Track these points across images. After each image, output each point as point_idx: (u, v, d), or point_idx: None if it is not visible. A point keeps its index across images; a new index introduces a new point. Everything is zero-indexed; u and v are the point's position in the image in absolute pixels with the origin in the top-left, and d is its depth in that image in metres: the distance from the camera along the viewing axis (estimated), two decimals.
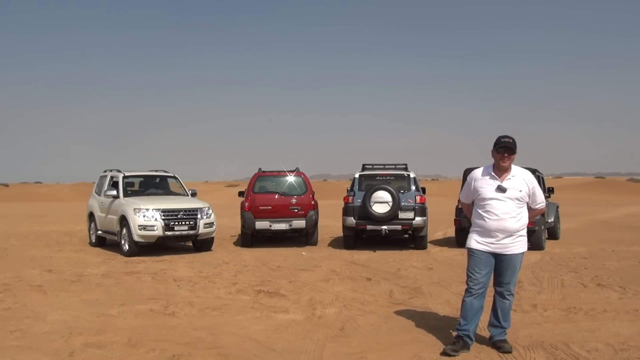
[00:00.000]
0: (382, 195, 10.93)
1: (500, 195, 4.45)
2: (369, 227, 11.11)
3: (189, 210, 10.93)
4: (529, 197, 4.53)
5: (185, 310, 6.04)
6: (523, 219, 4.51)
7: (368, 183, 11.55)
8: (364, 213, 11.00)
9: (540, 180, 12.33)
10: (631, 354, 4.39)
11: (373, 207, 10.93)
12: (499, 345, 4.53)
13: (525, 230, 4.56)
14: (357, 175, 11.86)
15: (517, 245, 4.51)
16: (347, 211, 11.35)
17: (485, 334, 4.83)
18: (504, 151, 4.45)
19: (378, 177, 11.69)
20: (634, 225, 17.53)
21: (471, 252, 4.62)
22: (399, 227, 11.06)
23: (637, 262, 9.39)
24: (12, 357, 4.49)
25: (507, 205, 4.44)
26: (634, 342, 4.71)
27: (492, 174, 4.54)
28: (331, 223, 16.68)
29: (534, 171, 11.80)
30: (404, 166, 12.15)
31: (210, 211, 11.27)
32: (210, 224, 11.16)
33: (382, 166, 12.33)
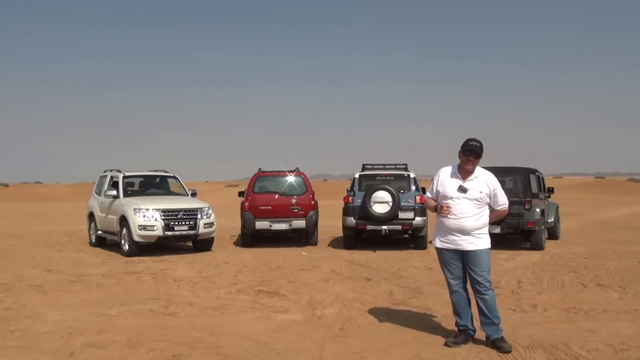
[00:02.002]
0: (382, 195, 10.93)
1: (460, 195, 4.59)
2: (369, 227, 11.11)
3: (189, 210, 10.93)
4: (489, 199, 4.65)
5: (185, 310, 6.04)
6: (482, 219, 4.63)
7: (368, 183, 11.55)
8: (364, 213, 11.00)
9: (540, 180, 12.32)
10: (631, 354, 4.40)
11: (373, 207, 10.93)
12: (498, 345, 4.55)
13: (487, 229, 4.68)
14: (357, 175, 11.86)
15: (479, 242, 4.61)
16: (347, 211, 11.35)
17: (484, 335, 4.82)
18: (470, 154, 4.58)
19: (378, 177, 11.69)
20: (634, 225, 17.53)
21: (437, 252, 4.85)
22: (399, 227, 11.06)
23: (637, 262, 9.40)
24: (12, 357, 4.49)
25: (466, 205, 4.57)
26: (634, 342, 4.71)
27: (457, 173, 4.68)
28: (331, 223, 16.68)
29: (533, 171, 11.80)
30: (404, 166, 12.15)
31: (210, 211, 11.27)
32: (210, 224, 11.16)
33: (382, 166, 12.33)
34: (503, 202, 4.72)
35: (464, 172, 4.66)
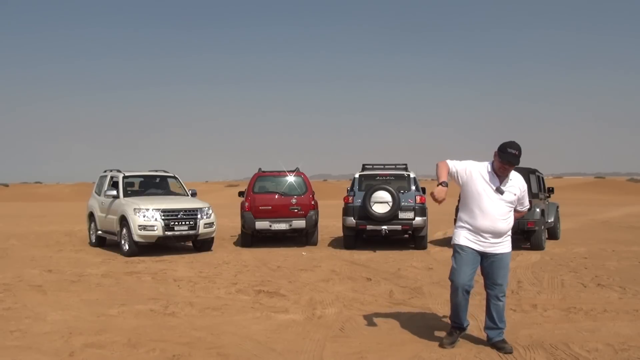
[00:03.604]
0: (382, 195, 10.93)
1: (497, 196, 4.47)
2: (369, 227, 11.11)
3: (189, 210, 10.93)
4: (517, 201, 4.61)
5: (185, 310, 6.04)
6: (511, 221, 4.58)
7: (368, 183, 11.55)
8: (364, 213, 11.00)
9: (540, 180, 12.33)
10: (631, 354, 4.39)
11: (373, 207, 10.93)
12: (499, 346, 4.51)
13: (510, 231, 4.63)
14: (357, 175, 11.86)
15: (505, 244, 4.56)
16: (347, 211, 11.35)
17: (484, 335, 4.82)
18: (507, 164, 4.40)
19: (378, 177, 11.69)
20: (634, 225, 17.53)
21: (459, 249, 4.57)
22: (399, 227, 11.06)
23: (637, 262, 9.39)
24: (12, 357, 4.49)
25: (501, 207, 4.47)
26: (634, 342, 4.71)
27: (493, 173, 4.51)
28: (331, 223, 16.68)
29: (533, 171, 11.81)
30: (404, 166, 12.15)
31: (210, 211, 11.27)
32: (210, 224, 11.16)
33: (382, 166, 12.33)
34: (527, 204, 4.73)
35: (499, 174, 4.51)
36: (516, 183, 4.56)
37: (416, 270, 8.66)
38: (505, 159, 4.37)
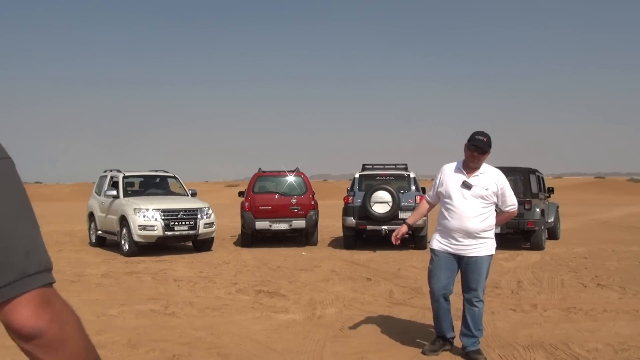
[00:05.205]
0: (382, 195, 10.93)
1: (464, 192, 4.19)
2: (369, 227, 11.11)
3: (189, 210, 10.93)
4: (497, 198, 4.25)
5: (185, 310, 6.04)
6: (488, 221, 4.22)
7: (368, 183, 11.55)
8: (364, 213, 11.00)
9: (540, 180, 12.32)
10: (631, 354, 4.39)
11: (373, 207, 10.92)
12: (472, 357, 4.24)
13: (492, 232, 4.29)
14: (357, 175, 11.86)
15: (481, 247, 4.20)
16: (347, 211, 11.35)
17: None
18: (474, 149, 4.16)
19: (378, 177, 11.69)
20: (634, 225, 17.53)
21: (433, 253, 4.39)
22: (399, 227, 11.03)
23: (637, 262, 9.39)
24: (12, 357, 4.48)
25: (470, 204, 4.16)
26: (634, 342, 4.71)
27: (461, 169, 4.29)
28: (331, 223, 16.67)
29: (533, 171, 11.80)
30: (404, 166, 12.16)
31: (210, 211, 11.27)
32: (210, 224, 11.16)
33: (382, 166, 12.33)
34: (512, 202, 4.32)
35: (468, 168, 4.25)
36: (490, 177, 4.24)
37: (416, 270, 8.66)
38: (472, 144, 4.15)
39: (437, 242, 4.36)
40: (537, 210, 10.95)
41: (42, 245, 1.00)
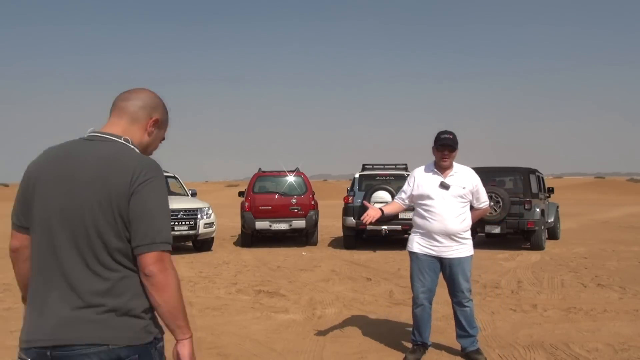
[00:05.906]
0: (382, 195, 10.93)
1: (443, 192, 4.19)
2: (369, 227, 11.11)
3: (189, 210, 10.92)
4: (472, 196, 4.28)
5: None
6: (467, 220, 4.24)
7: (368, 183, 11.56)
8: (364, 213, 10.98)
9: (540, 180, 12.32)
10: (631, 354, 4.39)
11: None
12: (472, 357, 4.27)
13: (470, 232, 4.29)
14: (357, 175, 11.87)
15: (463, 248, 4.21)
16: (347, 211, 11.35)
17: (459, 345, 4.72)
18: (443, 149, 4.17)
19: (378, 177, 11.70)
20: (634, 225, 17.52)
21: (412, 257, 4.35)
22: (399, 227, 11.05)
23: (637, 262, 9.39)
24: (12, 357, 4.48)
25: (451, 205, 4.17)
26: (634, 342, 4.70)
27: (435, 170, 4.29)
28: (331, 223, 16.66)
29: (533, 171, 11.79)
30: (404, 166, 12.16)
31: (210, 211, 11.27)
32: (210, 224, 11.16)
33: (382, 166, 12.35)
34: (485, 199, 4.36)
35: (441, 168, 4.25)
36: (464, 176, 4.27)
37: None
38: (440, 144, 4.17)
39: (418, 245, 4.32)
40: (537, 210, 10.95)
41: (169, 227, 1.68)
